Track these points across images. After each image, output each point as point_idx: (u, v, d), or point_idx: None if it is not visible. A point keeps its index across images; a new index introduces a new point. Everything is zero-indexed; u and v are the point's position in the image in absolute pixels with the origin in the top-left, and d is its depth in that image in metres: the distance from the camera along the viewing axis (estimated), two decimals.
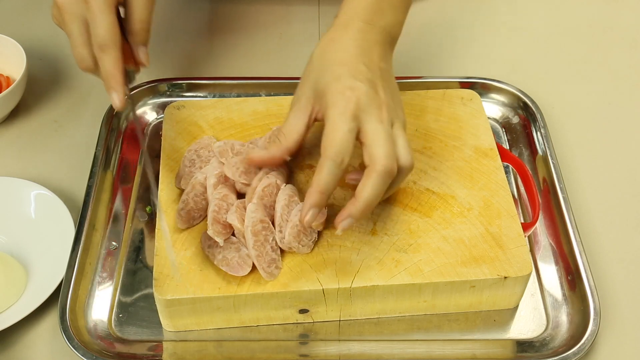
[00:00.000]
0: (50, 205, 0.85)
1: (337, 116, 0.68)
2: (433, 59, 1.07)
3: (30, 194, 0.86)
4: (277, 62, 1.04)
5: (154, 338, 0.76)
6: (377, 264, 0.74)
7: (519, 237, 0.76)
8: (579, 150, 0.95)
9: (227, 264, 0.72)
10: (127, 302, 0.79)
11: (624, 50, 1.10)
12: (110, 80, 0.71)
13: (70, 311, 0.75)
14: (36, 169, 0.91)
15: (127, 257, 0.82)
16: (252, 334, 0.76)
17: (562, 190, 0.85)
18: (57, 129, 0.98)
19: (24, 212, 0.85)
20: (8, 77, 0.97)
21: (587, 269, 0.79)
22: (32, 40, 1.07)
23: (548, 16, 1.16)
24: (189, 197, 0.77)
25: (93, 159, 0.88)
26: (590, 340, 0.74)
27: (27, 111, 0.99)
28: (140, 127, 0.92)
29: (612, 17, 1.16)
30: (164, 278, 0.73)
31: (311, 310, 0.75)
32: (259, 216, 0.73)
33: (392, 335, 0.76)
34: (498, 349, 0.76)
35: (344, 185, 0.81)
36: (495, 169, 0.82)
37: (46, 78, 1.04)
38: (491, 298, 0.76)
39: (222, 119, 0.87)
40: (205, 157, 0.81)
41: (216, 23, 1.12)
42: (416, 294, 0.75)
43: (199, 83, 0.98)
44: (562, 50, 1.10)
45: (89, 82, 1.04)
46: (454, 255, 0.75)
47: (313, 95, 0.72)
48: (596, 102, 1.02)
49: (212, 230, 0.73)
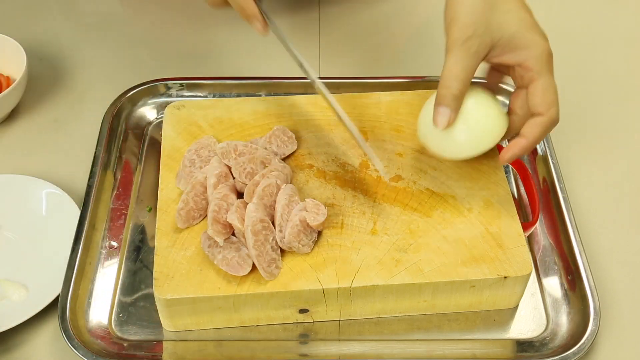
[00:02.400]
0: (60, 203, 0.85)
1: (548, 75, 0.71)
2: (433, 59, 1.06)
3: (42, 192, 0.87)
4: (277, 62, 1.04)
5: (154, 338, 0.76)
6: (377, 263, 0.74)
7: (519, 237, 0.76)
8: (579, 150, 0.95)
9: (227, 263, 0.72)
10: (127, 302, 0.79)
11: (624, 50, 1.10)
12: (246, 10, 0.72)
13: (70, 311, 0.75)
14: (36, 168, 0.91)
15: (127, 257, 0.82)
16: (252, 333, 0.76)
17: (562, 190, 0.85)
18: (57, 128, 0.98)
19: (33, 210, 0.86)
20: (8, 77, 0.97)
21: (587, 269, 0.79)
22: (32, 40, 1.07)
23: (548, 16, 1.15)
24: (189, 197, 0.77)
25: (93, 158, 0.88)
26: (590, 340, 0.74)
27: (27, 111, 0.99)
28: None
29: (612, 17, 1.16)
30: (164, 278, 0.73)
31: (311, 310, 0.75)
32: (259, 216, 0.73)
33: (392, 335, 0.76)
34: (498, 349, 0.76)
35: (344, 186, 0.81)
36: (495, 169, 0.82)
37: (46, 78, 1.04)
38: (491, 298, 0.76)
39: (222, 119, 0.87)
40: (205, 157, 0.81)
41: (216, 23, 1.12)
42: (416, 294, 0.75)
43: (199, 83, 0.98)
44: (562, 50, 1.10)
45: (89, 82, 1.04)
46: (454, 255, 0.75)
47: (493, 38, 0.70)
48: (596, 102, 1.02)
49: (212, 230, 0.73)
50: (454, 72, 0.71)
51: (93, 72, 1.06)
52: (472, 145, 0.75)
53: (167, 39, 1.11)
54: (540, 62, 0.71)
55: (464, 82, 0.71)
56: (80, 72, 1.05)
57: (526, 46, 0.71)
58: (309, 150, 0.84)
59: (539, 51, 0.71)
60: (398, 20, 1.12)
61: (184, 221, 0.77)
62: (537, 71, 0.71)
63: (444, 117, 0.72)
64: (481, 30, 0.70)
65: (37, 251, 0.83)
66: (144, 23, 1.15)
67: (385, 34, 1.10)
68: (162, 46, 1.10)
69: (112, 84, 1.00)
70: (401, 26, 1.10)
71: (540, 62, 0.71)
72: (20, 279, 0.80)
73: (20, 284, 0.80)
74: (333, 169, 0.82)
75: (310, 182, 0.81)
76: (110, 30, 1.12)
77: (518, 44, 0.71)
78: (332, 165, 0.83)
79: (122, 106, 0.94)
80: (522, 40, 0.71)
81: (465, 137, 0.74)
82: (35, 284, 0.80)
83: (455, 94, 0.71)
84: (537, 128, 0.72)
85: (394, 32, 1.10)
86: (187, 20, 1.13)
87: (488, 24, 0.70)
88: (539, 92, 0.71)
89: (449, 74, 0.71)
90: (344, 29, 1.12)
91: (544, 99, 0.71)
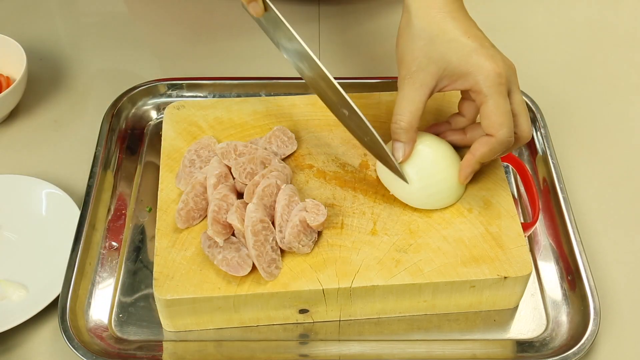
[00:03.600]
0: (60, 203, 0.85)
1: (497, 96, 0.71)
2: None
3: (42, 192, 0.87)
4: (277, 62, 1.04)
5: (154, 338, 0.76)
6: (377, 264, 0.74)
7: (519, 237, 0.76)
8: (579, 150, 0.95)
9: (227, 264, 0.72)
10: (127, 302, 0.79)
11: (624, 50, 1.10)
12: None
13: (70, 311, 0.75)
14: (36, 168, 0.91)
15: (127, 257, 0.82)
16: (252, 334, 0.76)
17: (562, 190, 0.85)
18: (57, 128, 0.98)
19: (33, 210, 0.86)
20: (8, 77, 0.97)
21: (587, 269, 0.79)
22: (32, 40, 1.07)
23: (548, 16, 1.16)
24: (189, 197, 0.77)
25: (93, 158, 0.88)
26: (590, 340, 0.74)
27: (27, 111, 0.99)
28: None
29: (612, 17, 1.16)
30: (164, 278, 0.73)
31: (311, 310, 0.75)
32: (259, 216, 0.73)
33: (392, 335, 0.76)
34: (498, 349, 0.76)
35: (344, 186, 0.81)
36: (495, 169, 0.82)
37: (46, 78, 1.04)
38: (491, 298, 0.76)
39: (222, 119, 0.87)
40: (205, 157, 0.81)
41: (216, 23, 1.12)
42: (416, 294, 0.75)
43: (199, 83, 0.98)
44: (562, 50, 1.10)
45: (89, 82, 1.04)
46: (454, 255, 0.75)
47: (437, 69, 0.72)
48: (596, 102, 1.02)
49: (212, 230, 0.73)
50: (401, 106, 0.74)
51: (93, 72, 1.06)
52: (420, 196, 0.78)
53: (167, 39, 1.11)
54: (487, 84, 0.71)
55: (413, 115, 0.74)
56: (80, 72, 1.05)
57: (471, 71, 0.72)
58: (309, 150, 0.84)
59: (484, 74, 0.71)
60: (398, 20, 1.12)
61: (184, 221, 0.77)
62: (485, 93, 0.72)
63: (398, 151, 0.75)
64: (424, 64, 0.73)
65: (37, 251, 0.83)
66: (144, 23, 1.15)
67: (386, 34, 1.10)
68: (162, 46, 1.10)
69: (112, 84, 1.00)
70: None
71: (487, 84, 0.71)
72: (20, 279, 0.80)
73: (20, 284, 0.80)
74: (333, 169, 0.82)
75: (310, 183, 0.81)
76: (110, 30, 1.12)
77: (463, 70, 0.72)
78: (332, 165, 0.83)
79: (122, 106, 0.94)
80: (466, 66, 0.72)
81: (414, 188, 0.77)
82: (35, 284, 0.80)
83: (404, 127, 0.74)
84: (485, 147, 0.74)
85: (394, 32, 1.10)
86: (187, 20, 1.13)
87: (430, 57, 0.72)
88: (489, 114, 0.72)
89: (398, 109, 0.74)
90: (344, 28, 1.12)
91: (494, 120, 0.72)
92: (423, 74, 0.73)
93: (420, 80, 0.73)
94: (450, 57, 0.72)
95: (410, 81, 0.73)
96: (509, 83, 0.73)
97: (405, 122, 0.74)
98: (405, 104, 0.74)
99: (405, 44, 0.74)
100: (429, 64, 0.73)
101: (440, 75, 0.73)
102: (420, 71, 0.73)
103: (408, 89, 0.73)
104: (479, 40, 0.73)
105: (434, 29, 0.72)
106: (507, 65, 0.73)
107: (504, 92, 0.72)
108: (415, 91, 0.73)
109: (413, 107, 0.73)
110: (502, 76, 0.72)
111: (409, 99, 0.73)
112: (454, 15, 0.73)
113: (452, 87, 0.74)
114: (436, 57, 0.72)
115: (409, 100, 0.73)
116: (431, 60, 0.72)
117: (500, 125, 0.72)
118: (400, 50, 0.74)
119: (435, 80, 0.73)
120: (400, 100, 0.74)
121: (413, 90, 0.73)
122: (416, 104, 0.73)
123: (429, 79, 0.73)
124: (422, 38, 0.73)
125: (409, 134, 0.74)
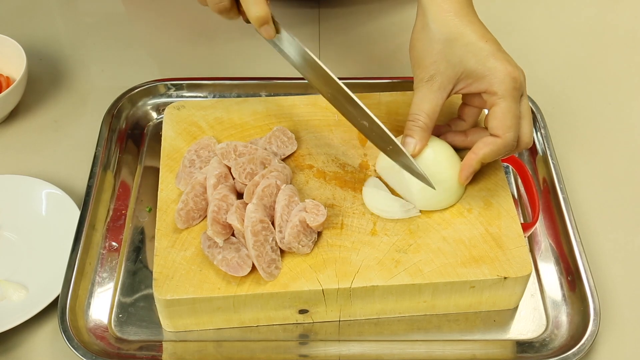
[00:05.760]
0: (61, 203, 0.85)
1: (510, 100, 0.73)
2: None
3: (42, 192, 0.87)
4: (277, 62, 1.04)
5: (154, 338, 0.76)
6: (377, 264, 0.74)
7: (518, 237, 0.76)
8: (579, 150, 0.95)
9: (227, 264, 0.72)
10: (127, 302, 0.79)
11: (624, 50, 1.10)
12: (261, 19, 0.73)
13: (70, 311, 0.75)
14: (36, 169, 0.91)
15: (127, 257, 0.82)
16: (252, 334, 0.76)
17: (562, 190, 0.85)
18: (57, 129, 0.98)
19: (33, 210, 0.86)
20: (8, 77, 0.98)
21: (587, 269, 0.79)
22: (32, 40, 1.07)
23: (548, 16, 1.16)
24: (189, 197, 0.77)
25: (93, 159, 0.88)
26: (590, 340, 0.74)
27: (27, 111, 0.99)
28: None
29: (612, 17, 1.16)
30: (164, 278, 0.73)
31: (311, 311, 0.75)
32: (259, 216, 0.73)
33: (392, 336, 0.76)
34: (498, 350, 0.76)
35: (344, 186, 0.81)
36: (495, 169, 0.82)
37: (46, 78, 1.04)
38: (491, 298, 0.76)
39: (222, 119, 0.87)
40: (205, 157, 0.81)
41: (216, 23, 1.12)
42: (416, 294, 0.75)
43: (199, 83, 0.98)
44: (561, 51, 1.10)
45: (89, 82, 1.04)
46: (454, 256, 0.75)
47: (456, 72, 0.74)
48: (596, 102, 1.02)
49: (212, 230, 0.73)
50: (420, 107, 0.75)
51: (93, 72, 1.06)
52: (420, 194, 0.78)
53: (167, 39, 1.11)
54: (503, 87, 0.73)
55: (430, 116, 0.75)
56: (80, 72, 1.05)
57: (488, 74, 0.73)
58: (308, 150, 0.84)
59: (500, 77, 0.73)
60: (398, 20, 1.12)
61: (184, 222, 0.77)
62: (500, 95, 0.73)
63: (410, 145, 0.76)
64: (442, 68, 0.74)
65: (37, 251, 0.83)
66: (144, 23, 1.15)
67: (386, 34, 1.10)
68: (162, 46, 1.10)
69: (112, 84, 1.00)
70: (402, 26, 1.10)
71: (503, 87, 0.73)
72: (20, 279, 0.80)
73: (20, 284, 0.80)
74: (333, 170, 0.82)
75: (310, 183, 0.81)
76: (110, 30, 1.13)
77: (480, 73, 0.74)
78: (332, 165, 0.83)
79: (122, 106, 0.94)
80: (484, 69, 0.73)
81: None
82: (35, 284, 0.80)
83: (422, 126, 0.75)
84: (489, 147, 0.75)
85: (395, 32, 1.10)
86: (187, 20, 1.13)
87: (448, 61, 0.74)
88: (499, 114, 0.73)
89: (416, 109, 0.76)
90: (344, 29, 1.12)
91: (503, 122, 0.73)
92: (441, 77, 0.74)
93: (438, 83, 0.75)
94: (468, 60, 0.73)
95: (429, 84, 0.75)
96: (522, 88, 0.74)
97: (423, 122, 0.75)
98: (424, 106, 0.75)
99: (422, 47, 0.75)
100: (447, 67, 0.74)
101: (458, 78, 0.75)
102: (438, 74, 0.74)
103: (426, 90, 0.75)
104: (495, 44, 0.74)
105: (452, 33, 0.74)
106: (520, 70, 0.74)
107: (517, 97, 0.74)
108: (433, 93, 0.75)
109: (431, 109, 0.75)
110: (517, 81, 0.73)
111: (427, 100, 0.75)
112: (470, 19, 0.75)
113: (467, 90, 0.76)
114: (455, 60, 0.74)
115: (427, 102, 0.75)
116: (450, 63, 0.74)
117: (509, 127, 0.73)
118: (417, 53, 0.76)
119: (453, 83, 0.75)
120: (419, 101, 0.75)
121: (431, 93, 0.75)
122: (434, 106, 0.75)
123: (447, 82, 0.75)
124: (440, 42, 0.74)
125: (424, 133, 0.76)
